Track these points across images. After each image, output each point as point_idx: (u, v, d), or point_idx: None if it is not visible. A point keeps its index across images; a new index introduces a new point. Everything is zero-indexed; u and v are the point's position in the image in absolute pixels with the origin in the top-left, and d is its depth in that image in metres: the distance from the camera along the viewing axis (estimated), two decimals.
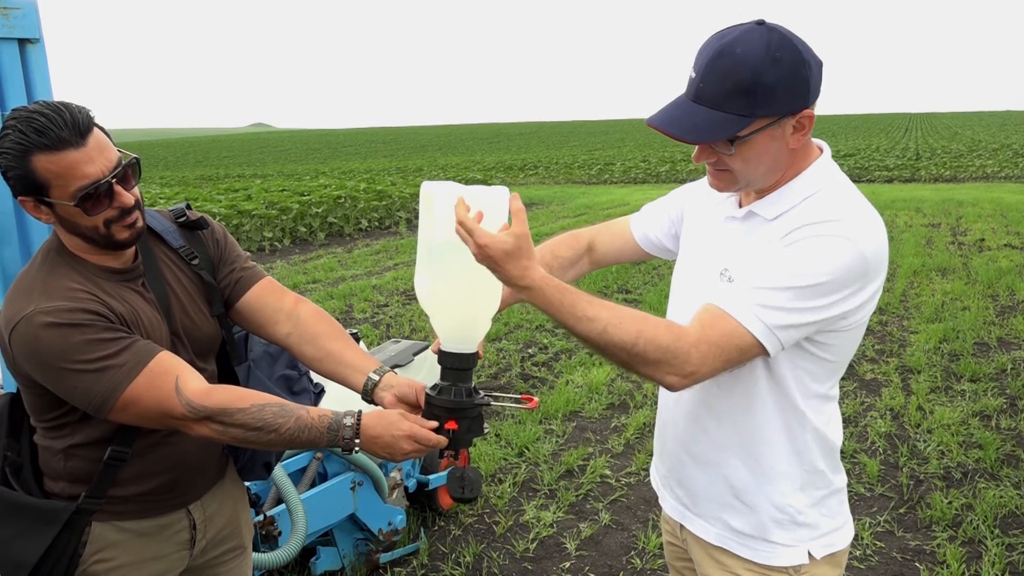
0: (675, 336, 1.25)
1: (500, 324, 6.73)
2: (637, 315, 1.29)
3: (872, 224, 1.29)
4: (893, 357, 5.68)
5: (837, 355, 1.37)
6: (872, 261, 1.27)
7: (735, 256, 1.38)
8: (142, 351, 1.39)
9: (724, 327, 1.26)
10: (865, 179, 23.13)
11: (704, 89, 1.26)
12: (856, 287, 1.27)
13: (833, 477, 1.46)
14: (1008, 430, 4.35)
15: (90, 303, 1.38)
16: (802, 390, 1.37)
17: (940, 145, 37.29)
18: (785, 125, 1.27)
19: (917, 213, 13.79)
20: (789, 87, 1.23)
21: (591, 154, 40.69)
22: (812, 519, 1.43)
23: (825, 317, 1.27)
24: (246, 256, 1.70)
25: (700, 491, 1.50)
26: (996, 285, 7.79)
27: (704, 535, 1.51)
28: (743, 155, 1.29)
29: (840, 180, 1.35)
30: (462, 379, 1.41)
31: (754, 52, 1.22)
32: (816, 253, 1.24)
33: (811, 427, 1.40)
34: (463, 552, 3.25)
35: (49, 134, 1.31)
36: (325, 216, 13.89)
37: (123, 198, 1.40)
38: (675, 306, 1.54)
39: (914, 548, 3.24)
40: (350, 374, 1.58)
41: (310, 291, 8.76)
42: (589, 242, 1.76)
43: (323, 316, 1.67)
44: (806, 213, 1.30)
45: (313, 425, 1.41)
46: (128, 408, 1.38)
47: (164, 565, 1.60)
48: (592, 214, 15.34)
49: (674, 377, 1.27)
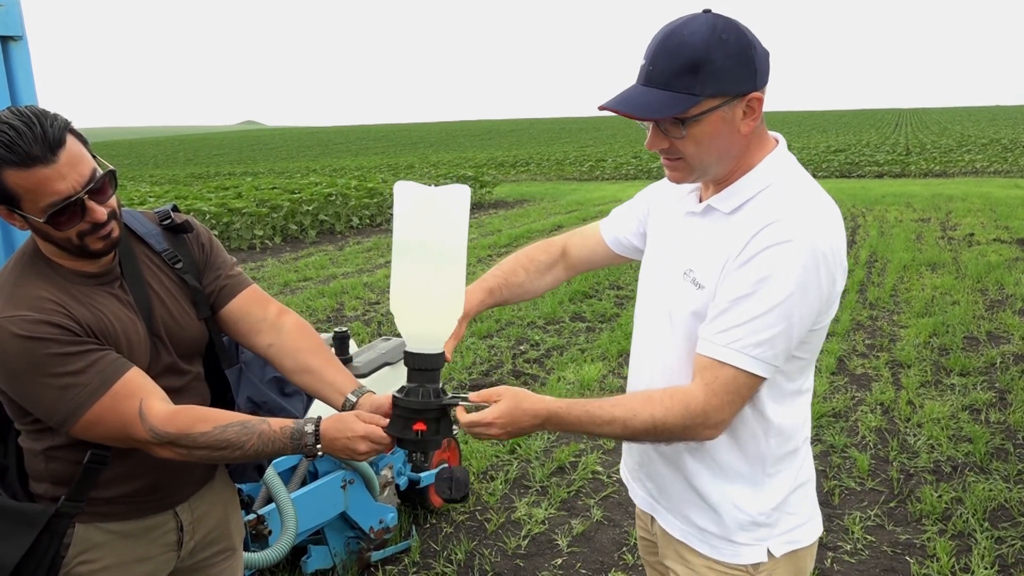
0: (684, 405, 1.31)
1: (492, 321, 6.72)
2: (645, 398, 1.34)
3: (822, 215, 1.30)
4: (883, 352, 5.70)
5: (810, 352, 1.39)
6: (830, 254, 1.28)
7: (697, 256, 1.39)
8: (108, 370, 1.38)
9: (725, 377, 1.30)
10: (855, 174, 23.21)
11: (653, 71, 1.28)
12: (821, 281, 1.28)
13: (796, 476, 1.45)
14: (997, 424, 4.37)
15: (56, 315, 1.36)
16: (775, 392, 1.38)
17: (930, 140, 37.47)
18: (735, 108, 1.29)
19: (907, 208, 13.85)
20: (736, 67, 1.26)
21: (583, 150, 40.71)
22: (774, 518, 1.43)
23: (807, 324, 1.30)
24: (232, 262, 1.69)
25: (667, 487, 1.51)
26: (985, 279, 7.83)
27: (670, 529, 1.52)
28: (694, 137, 1.30)
29: (795, 172, 1.37)
30: (429, 380, 1.40)
31: (700, 32, 1.25)
32: (775, 266, 1.26)
33: (776, 431, 1.40)
34: (455, 549, 3.25)
35: (17, 150, 1.27)
36: (316, 214, 13.84)
37: (95, 213, 1.37)
38: (642, 306, 1.55)
39: (904, 542, 3.25)
40: (329, 392, 1.58)
41: (301, 289, 8.73)
42: (563, 248, 1.77)
43: (305, 329, 1.66)
44: (761, 209, 1.31)
45: (276, 437, 1.43)
46: (90, 429, 1.38)
47: (150, 567, 1.58)
48: (583, 211, 15.34)
49: (706, 434, 1.34)
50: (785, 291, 1.26)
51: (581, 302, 7.42)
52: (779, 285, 1.26)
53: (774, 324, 1.27)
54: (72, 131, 1.35)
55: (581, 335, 6.36)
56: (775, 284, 1.26)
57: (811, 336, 1.35)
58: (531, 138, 66.30)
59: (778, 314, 1.26)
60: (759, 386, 1.33)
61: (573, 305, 7.30)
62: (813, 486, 1.52)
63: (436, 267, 1.35)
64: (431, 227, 1.37)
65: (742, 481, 1.42)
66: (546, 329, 6.53)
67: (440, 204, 1.37)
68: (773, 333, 1.27)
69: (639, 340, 1.55)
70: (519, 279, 1.72)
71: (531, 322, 6.74)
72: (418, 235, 1.38)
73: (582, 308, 7.19)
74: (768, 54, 1.31)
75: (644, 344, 1.53)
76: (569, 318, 6.89)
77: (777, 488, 1.43)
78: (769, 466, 1.41)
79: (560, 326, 6.65)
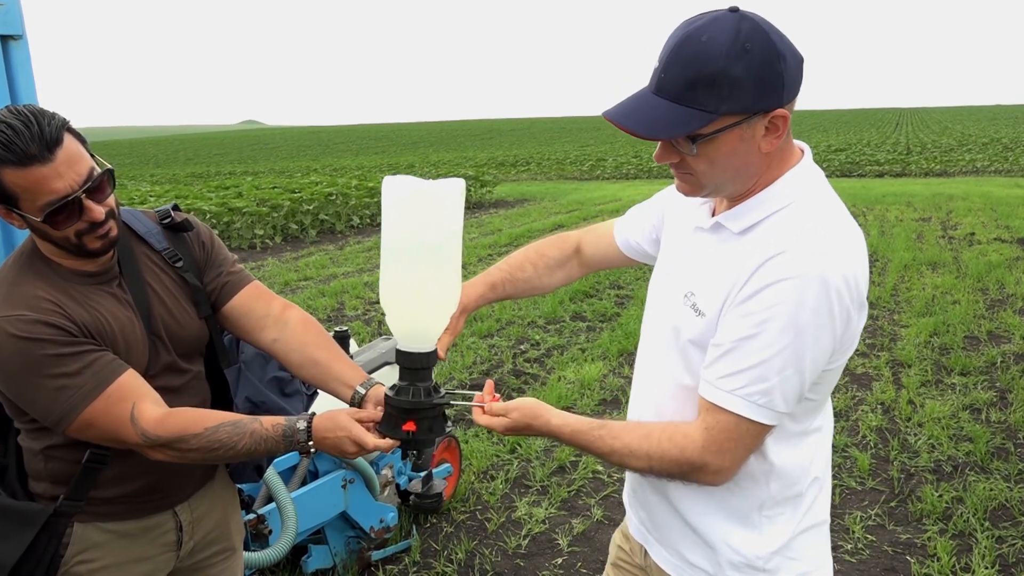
0: (680, 448, 1.23)
1: (492, 321, 6.72)
2: (643, 434, 1.26)
3: (839, 245, 1.17)
4: (884, 351, 5.70)
5: (821, 393, 1.27)
6: (844, 290, 1.14)
7: (700, 279, 1.28)
8: (103, 372, 1.38)
9: (726, 423, 1.20)
10: (856, 174, 23.20)
11: (665, 80, 1.14)
12: (833, 320, 1.15)
13: (803, 517, 1.32)
14: (998, 423, 4.37)
15: (53, 315, 1.36)
16: (780, 434, 1.25)
17: (930, 139, 37.44)
18: (755, 125, 1.15)
19: (908, 207, 13.84)
20: (759, 82, 1.11)
21: (583, 150, 40.68)
22: (773, 564, 1.30)
23: (819, 366, 1.19)
24: (233, 259, 1.68)
25: (657, 517, 1.42)
26: (986, 279, 7.82)
27: (662, 564, 1.42)
28: (707, 156, 1.17)
29: (817, 191, 1.23)
30: (419, 379, 1.37)
31: (721, 40, 1.10)
32: (780, 306, 1.13)
33: (777, 474, 1.27)
34: (455, 549, 3.24)
35: (15, 149, 1.27)
36: (316, 213, 13.84)
37: (93, 213, 1.37)
38: (647, 322, 1.46)
39: (905, 541, 3.24)
40: (337, 386, 1.57)
41: (301, 288, 8.73)
42: (577, 244, 1.69)
43: (311, 323, 1.65)
44: (772, 233, 1.19)
45: (268, 436, 1.42)
46: (84, 430, 1.39)
47: (149, 567, 1.58)
48: (584, 210, 15.33)
49: (707, 480, 1.24)
50: (791, 334, 1.13)
51: (582, 301, 7.41)
52: (785, 327, 1.13)
53: (781, 369, 1.15)
54: (70, 130, 1.34)
55: (582, 334, 6.35)
56: (780, 326, 1.13)
57: (824, 376, 1.23)
58: (531, 137, 66.27)
59: (785, 359, 1.14)
60: (766, 434, 1.22)
61: (574, 304, 7.29)
62: (826, 530, 1.39)
63: (428, 264, 1.31)
64: (422, 222, 1.31)
65: (736, 520, 1.30)
66: (547, 328, 6.53)
67: (432, 198, 1.31)
68: (779, 379, 1.15)
69: (642, 356, 1.46)
70: (526, 274, 1.66)
71: (531, 321, 6.74)
72: (409, 230, 1.33)
73: (583, 307, 7.19)
74: (801, 61, 1.16)
75: (646, 361, 1.44)
76: (570, 317, 6.89)
77: (778, 531, 1.30)
78: (767, 509, 1.29)
79: (561, 325, 6.64)
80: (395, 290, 1.37)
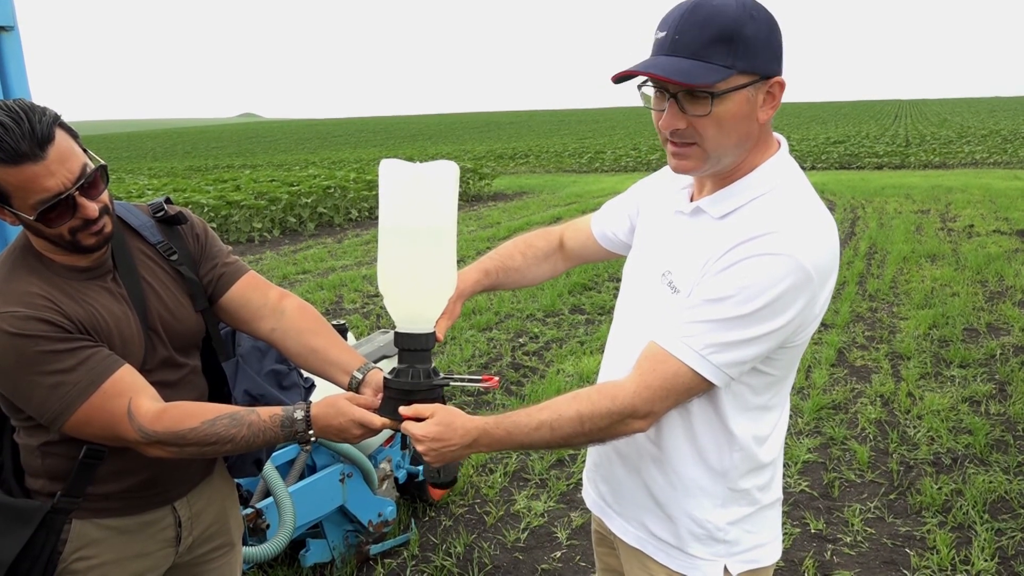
0: (611, 397, 1.27)
1: (491, 314, 6.71)
2: (571, 397, 1.30)
3: (817, 233, 1.23)
4: (883, 343, 5.70)
5: (782, 369, 1.32)
6: (816, 274, 1.21)
7: (678, 258, 1.33)
8: (98, 368, 1.36)
9: (667, 370, 1.24)
10: (855, 166, 23.17)
11: (680, 41, 1.19)
12: (801, 303, 1.21)
13: (760, 495, 1.40)
14: (997, 415, 4.37)
15: (47, 311, 1.35)
16: (739, 404, 1.32)
17: (929, 132, 37.43)
18: (759, 90, 1.22)
19: (907, 199, 13.82)
20: (766, 45, 1.20)
21: (581, 142, 40.65)
22: (732, 536, 1.38)
23: (773, 344, 1.24)
24: (228, 251, 1.67)
25: (623, 491, 1.47)
26: (985, 271, 7.82)
27: (623, 535, 1.48)
28: (718, 117, 1.20)
29: (793, 180, 1.30)
30: (419, 360, 1.38)
31: (731, 4, 1.18)
32: (754, 275, 1.19)
33: (739, 446, 1.34)
34: (454, 543, 3.24)
35: (5, 147, 1.25)
36: (315, 206, 13.82)
37: (86, 210, 1.35)
38: (620, 305, 1.51)
39: (904, 534, 3.24)
40: (335, 373, 1.57)
41: (300, 282, 8.71)
42: (560, 238, 1.74)
43: (308, 311, 1.64)
44: (752, 218, 1.25)
45: (267, 427, 1.41)
46: (81, 427, 1.38)
47: (148, 563, 1.58)
48: (582, 203, 15.31)
49: (634, 426, 1.28)
50: (762, 302, 1.19)
51: (580, 294, 7.40)
52: (758, 295, 1.19)
53: (740, 332, 1.21)
54: (62, 125, 1.32)
55: (580, 327, 6.35)
56: (748, 296, 1.19)
57: (782, 354, 1.29)
58: (530, 130, 66.17)
59: (747, 323, 1.20)
60: (700, 392, 1.27)
61: (572, 297, 7.28)
62: (779, 509, 1.47)
63: (424, 245, 1.32)
64: (418, 204, 1.34)
65: (702, 494, 1.37)
66: (545, 321, 6.52)
67: (428, 181, 1.33)
68: (735, 339, 1.21)
69: (613, 338, 1.50)
70: (516, 264, 1.69)
71: (530, 314, 6.73)
72: (405, 213, 1.34)
73: (581, 300, 7.18)
74: None
75: (616, 343, 1.48)
76: (568, 310, 6.88)
77: (740, 507, 1.38)
78: (732, 481, 1.36)
79: (559, 318, 6.63)
80: (393, 271, 1.37)
